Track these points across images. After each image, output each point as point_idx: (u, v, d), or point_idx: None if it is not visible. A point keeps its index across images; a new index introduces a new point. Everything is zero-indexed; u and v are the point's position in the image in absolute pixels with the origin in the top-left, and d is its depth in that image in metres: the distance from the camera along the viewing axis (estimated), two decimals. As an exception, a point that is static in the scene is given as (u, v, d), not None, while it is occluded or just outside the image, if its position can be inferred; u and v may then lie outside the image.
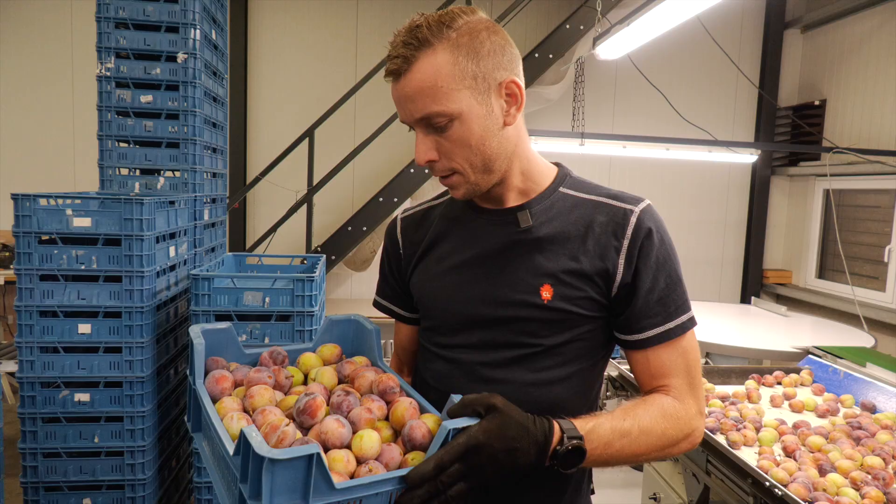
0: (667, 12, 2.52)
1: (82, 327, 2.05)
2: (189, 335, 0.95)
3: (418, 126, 0.89)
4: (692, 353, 0.95)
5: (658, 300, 0.92)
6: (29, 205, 1.98)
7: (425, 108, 0.86)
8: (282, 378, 0.93)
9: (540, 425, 0.80)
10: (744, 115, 5.43)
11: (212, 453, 0.85)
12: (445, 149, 0.89)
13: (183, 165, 2.48)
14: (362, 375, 0.94)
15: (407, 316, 1.13)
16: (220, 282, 2.21)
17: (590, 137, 3.54)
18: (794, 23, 5.22)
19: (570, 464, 0.80)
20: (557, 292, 0.92)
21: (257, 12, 4.88)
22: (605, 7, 3.71)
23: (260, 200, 4.98)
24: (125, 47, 2.37)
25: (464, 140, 0.88)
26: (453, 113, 0.86)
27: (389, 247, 1.12)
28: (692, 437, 0.92)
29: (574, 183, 1.00)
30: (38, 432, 2.06)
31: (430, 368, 1.03)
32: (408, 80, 0.86)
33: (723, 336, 2.80)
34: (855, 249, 4.69)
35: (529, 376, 0.94)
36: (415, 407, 0.85)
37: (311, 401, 0.81)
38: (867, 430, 1.65)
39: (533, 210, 0.96)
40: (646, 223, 0.93)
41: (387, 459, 0.77)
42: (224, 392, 0.89)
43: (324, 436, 0.77)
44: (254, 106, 4.95)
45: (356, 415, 0.82)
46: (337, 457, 0.74)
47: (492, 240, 0.97)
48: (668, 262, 0.93)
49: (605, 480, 3.18)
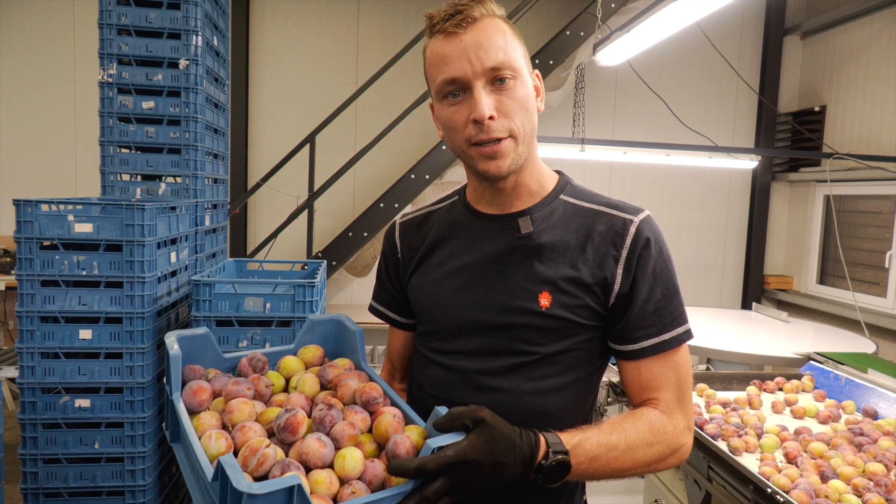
0: (667, 19, 2.53)
1: (83, 333, 2.05)
2: (165, 343, 0.93)
3: (482, 79, 0.87)
4: (684, 368, 0.94)
5: (654, 311, 0.92)
6: (31, 210, 1.98)
7: (497, 56, 0.86)
8: (262, 387, 0.90)
9: (526, 439, 0.79)
10: (744, 121, 5.44)
11: (191, 469, 0.83)
12: (506, 107, 0.88)
13: (184, 171, 2.48)
14: (345, 384, 0.91)
15: (403, 322, 1.12)
16: (221, 287, 2.22)
17: (590, 143, 3.54)
18: (794, 29, 5.24)
19: (554, 478, 0.79)
20: (556, 300, 0.92)
21: (259, 19, 4.90)
22: (605, 14, 3.72)
23: (261, 206, 4.99)
24: (127, 53, 2.38)
25: (523, 101, 0.89)
26: (519, 69, 0.89)
27: (388, 251, 1.11)
28: (679, 453, 0.92)
29: (574, 191, 1.00)
30: (38, 438, 2.06)
31: (427, 375, 1.02)
32: (479, 28, 0.87)
33: (724, 342, 2.79)
34: (856, 255, 4.69)
35: (526, 385, 0.93)
36: (399, 419, 0.84)
37: (291, 417, 0.79)
38: (869, 436, 1.64)
39: (534, 216, 0.96)
40: (644, 233, 0.93)
41: (370, 477, 0.76)
42: (202, 404, 0.87)
43: (305, 456, 0.76)
44: (255, 112, 4.97)
45: (339, 431, 0.80)
46: (319, 478, 0.73)
47: (492, 245, 0.97)
48: (666, 272, 0.93)
49: (607, 487, 3.17)
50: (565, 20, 4.39)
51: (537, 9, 4.86)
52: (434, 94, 0.93)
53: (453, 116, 0.90)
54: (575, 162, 3.95)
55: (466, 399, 0.87)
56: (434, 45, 0.90)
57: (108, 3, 2.35)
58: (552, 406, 0.93)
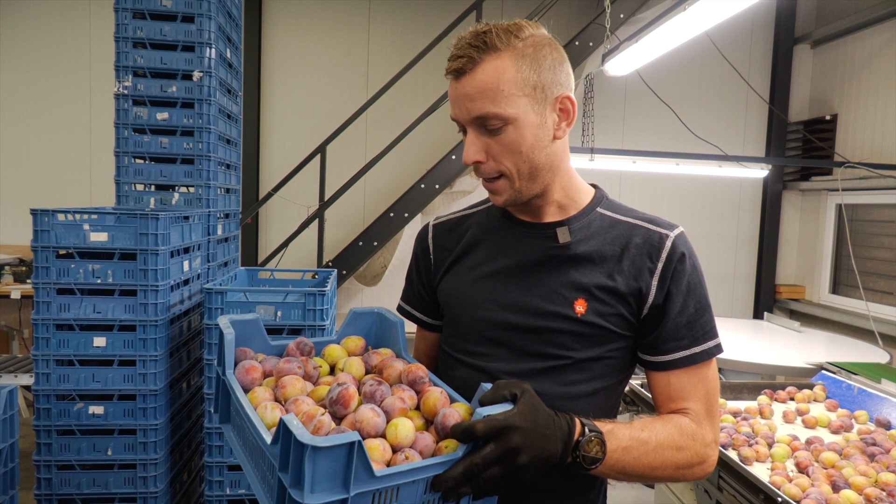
0: (675, 29, 2.54)
1: (97, 340, 2.08)
2: (219, 325, 0.97)
3: (472, 126, 0.91)
4: (713, 382, 0.96)
5: (686, 324, 0.94)
6: (47, 220, 2.02)
7: (483, 108, 0.88)
8: (310, 368, 0.94)
9: (563, 417, 0.81)
10: (754, 130, 5.43)
11: (243, 444, 0.86)
12: (495, 151, 0.91)
13: (197, 181, 2.52)
14: (391, 366, 0.94)
15: (430, 323, 1.14)
16: (233, 296, 2.24)
17: (600, 153, 3.55)
18: (804, 38, 5.23)
19: (591, 459, 0.81)
20: (591, 307, 0.94)
21: (271, 31, 4.97)
22: (613, 24, 3.74)
23: (272, 215, 5.03)
24: (142, 66, 2.43)
25: (515, 145, 0.90)
26: (510, 117, 0.89)
27: (419, 252, 1.13)
28: (706, 464, 0.93)
29: (611, 205, 1.02)
30: (52, 444, 2.08)
31: (453, 375, 1.03)
32: (470, 79, 0.88)
33: (735, 351, 2.78)
34: (869, 264, 4.65)
35: (557, 389, 0.94)
36: (445, 396, 0.86)
37: (343, 391, 0.82)
38: (881, 446, 1.63)
39: (572, 227, 0.98)
40: (680, 248, 0.95)
41: (421, 447, 0.78)
42: (254, 382, 0.90)
43: (359, 424, 0.78)
44: (266, 122, 5.02)
45: (389, 404, 0.83)
46: (373, 445, 0.75)
47: (528, 252, 0.99)
48: (699, 287, 0.96)
49: (617, 498, 3.15)
50: (574, 31, 4.41)
51: (546, 20, 4.87)
52: None
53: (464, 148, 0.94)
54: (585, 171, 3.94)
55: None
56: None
57: (124, 17, 2.40)
58: (580, 411, 0.94)
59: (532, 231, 1.00)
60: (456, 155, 4.03)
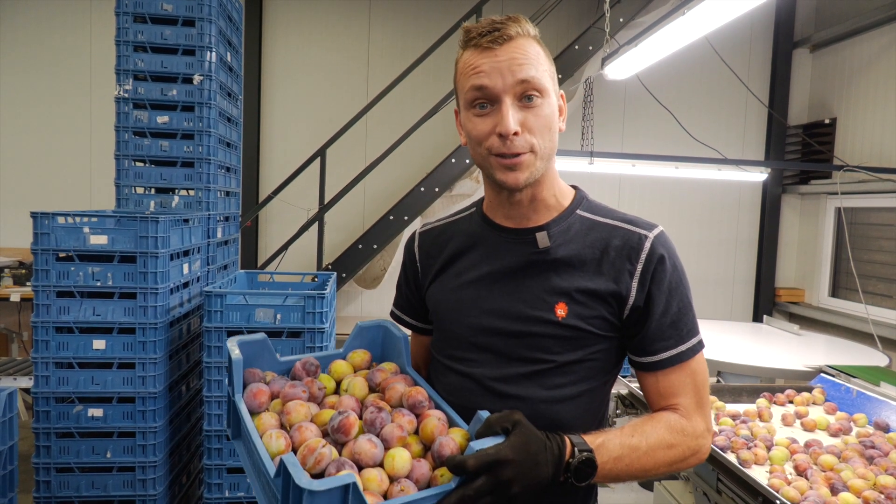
0: (675, 33, 2.55)
1: (97, 343, 2.08)
2: (226, 348, 1.01)
3: (510, 95, 0.91)
4: (701, 374, 0.97)
5: (670, 324, 0.95)
6: (47, 222, 2.02)
7: (529, 72, 0.90)
8: (315, 390, 0.97)
9: (553, 440, 0.82)
10: (753, 134, 5.44)
11: (252, 464, 0.90)
12: (531, 124, 0.91)
13: (197, 184, 2.52)
14: (392, 387, 0.97)
15: (422, 327, 1.16)
16: (233, 298, 2.24)
17: (599, 156, 3.56)
18: (803, 42, 5.24)
19: (583, 476, 0.82)
20: (572, 310, 0.94)
21: (271, 35, 4.98)
22: (613, 28, 3.75)
23: (272, 218, 5.03)
24: (143, 69, 2.44)
25: (547, 119, 0.93)
26: (547, 89, 0.92)
27: (407, 261, 1.15)
28: (700, 454, 0.95)
29: (590, 206, 1.03)
30: (51, 447, 2.09)
31: (443, 381, 1.04)
32: (513, 45, 0.91)
33: (735, 355, 2.77)
34: (868, 268, 4.65)
35: (542, 393, 0.95)
36: (443, 422, 0.89)
37: (344, 420, 0.86)
38: (880, 449, 1.63)
39: (551, 231, 0.98)
40: (659, 249, 0.96)
41: (417, 476, 0.81)
42: (262, 406, 0.94)
43: (357, 455, 0.82)
44: (266, 126, 5.03)
45: (388, 432, 0.86)
46: (371, 476, 0.79)
47: (510, 258, 0.99)
48: (680, 287, 0.96)
49: (616, 500, 3.15)
50: (573, 34, 4.43)
51: (546, 23, 4.90)
52: (462, 102, 0.97)
53: (479, 126, 0.93)
54: (584, 175, 3.97)
55: (483, 405, 0.90)
56: (468, 56, 0.94)
57: (124, 20, 2.41)
58: (566, 414, 0.96)
59: (513, 237, 1.01)
60: (456, 158, 4.04)
